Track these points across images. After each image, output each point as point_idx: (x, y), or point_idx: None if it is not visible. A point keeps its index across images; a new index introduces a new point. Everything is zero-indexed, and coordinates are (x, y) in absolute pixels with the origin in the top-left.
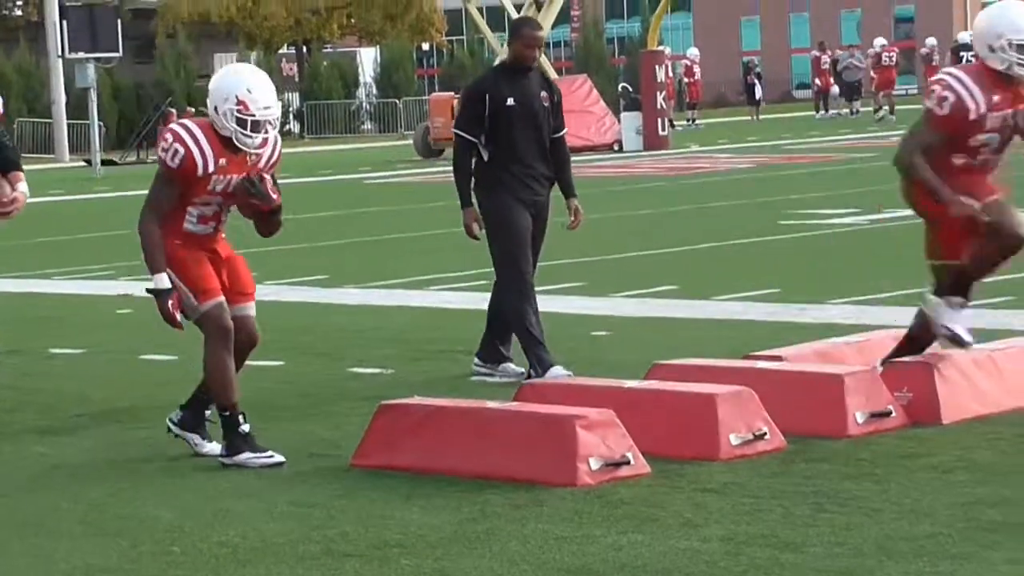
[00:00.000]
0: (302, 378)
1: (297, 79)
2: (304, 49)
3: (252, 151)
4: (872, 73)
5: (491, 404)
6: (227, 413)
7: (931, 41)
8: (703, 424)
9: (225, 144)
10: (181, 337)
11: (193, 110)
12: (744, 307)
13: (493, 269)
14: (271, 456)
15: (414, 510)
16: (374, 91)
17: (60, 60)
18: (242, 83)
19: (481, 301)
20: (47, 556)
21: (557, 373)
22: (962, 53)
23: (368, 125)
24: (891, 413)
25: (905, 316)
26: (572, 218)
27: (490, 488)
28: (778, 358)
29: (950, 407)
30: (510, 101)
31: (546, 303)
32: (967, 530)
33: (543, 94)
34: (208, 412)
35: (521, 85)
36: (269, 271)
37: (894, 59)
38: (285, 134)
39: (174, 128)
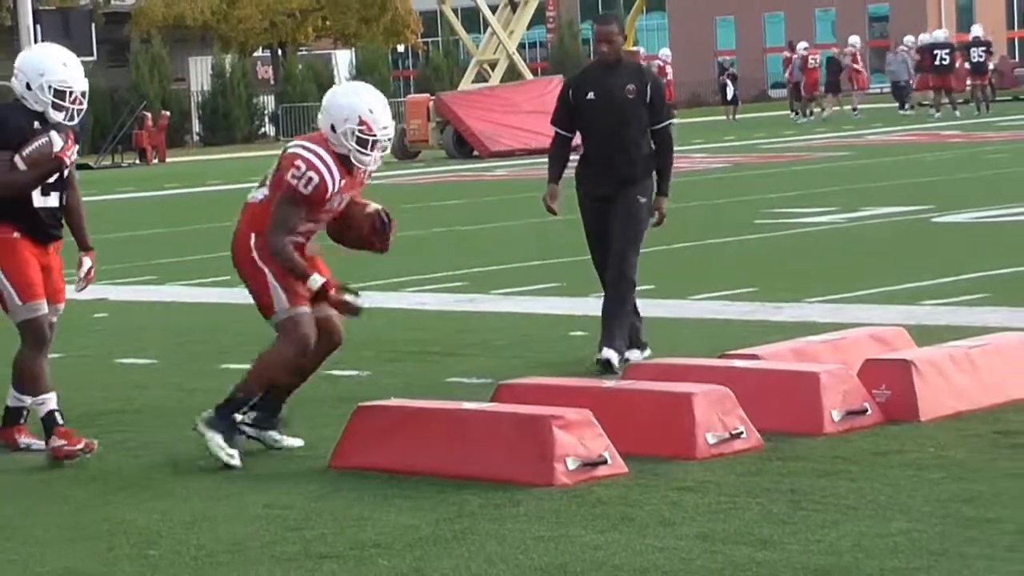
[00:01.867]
0: None
1: (272, 82)
2: (279, 52)
3: (367, 169)
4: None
5: (468, 405)
6: (241, 395)
7: (909, 39)
8: (680, 423)
9: (342, 162)
10: (157, 341)
11: (168, 114)
12: (721, 306)
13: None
14: (232, 457)
15: (392, 511)
16: None
17: None
18: (364, 104)
19: (455, 303)
20: (23, 560)
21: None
22: (936, 51)
23: None
24: (867, 411)
25: (881, 314)
26: (653, 216)
27: (467, 488)
28: (754, 356)
29: (928, 404)
30: (590, 95)
31: (523, 304)
32: (942, 527)
33: (630, 86)
34: (282, 409)
35: (606, 79)
36: None
37: (819, 61)
38: (260, 136)
39: (304, 155)
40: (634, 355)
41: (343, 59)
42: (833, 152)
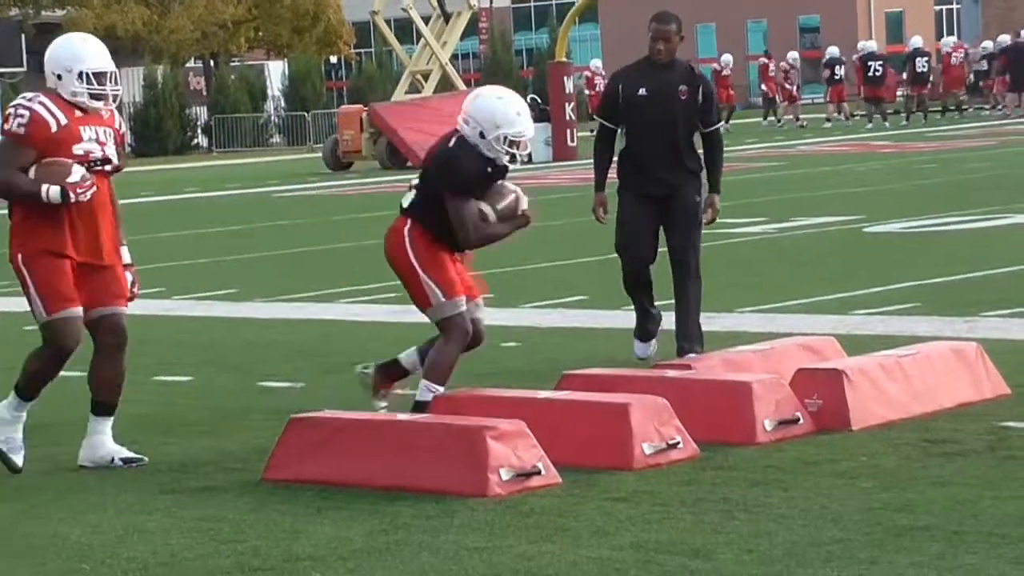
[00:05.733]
0: (212, 393)
1: (205, 93)
2: (211, 63)
3: None
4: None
5: (401, 416)
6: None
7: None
8: (617, 434)
9: None
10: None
11: None
12: None
13: None
14: None
15: (325, 523)
16: (282, 104)
17: None
18: None
19: (389, 314)
20: None
21: (638, 349)
22: (869, 63)
23: (277, 138)
24: (799, 420)
25: (812, 324)
26: (707, 213)
27: (401, 500)
28: (687, 366)
29: (859, 413)
30: (642, 92)
31: None
32: (874, 535)
33: (682, 88)
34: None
35: (658, 78)
36: (178, 286)
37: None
38: (193, 148)
39: None
40: (648, 348)
41: (276, 70)
42: (764, 163)
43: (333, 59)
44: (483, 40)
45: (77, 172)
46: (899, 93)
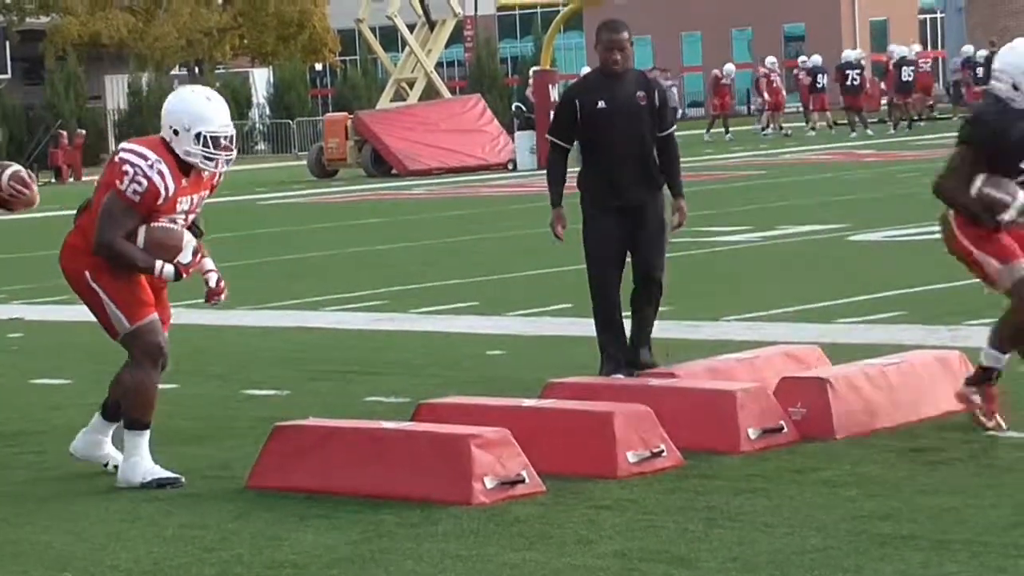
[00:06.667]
0: (196, 400)
1: None
2: (196, 70)
3: None
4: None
5: (386, 424)
6: None
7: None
8: (600, 442)
9: None
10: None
11: (84, 132)
12: None
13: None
14: None
15: (308, 531)
16: (267, 112)
17: None
18: None
19: (374, 322)
20: None
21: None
22: (848, 72)
23: (262, 146)
24: (783, 429)
25: (795, 332)
26: (675, 217)
27: (385, 508)
28: (671, 375)
29: (843, 422)
30: (600, 104)
31: (441, 323)
32: (857, 543)
33: (639, 94)
34: None
35: (614, 87)
36: None
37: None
38: None
39: None
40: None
41: (261, 77)
42: (748, 171)
43: (318, 67)
44: (468, 48)
45: (189, 248)
46: (883, 102)
